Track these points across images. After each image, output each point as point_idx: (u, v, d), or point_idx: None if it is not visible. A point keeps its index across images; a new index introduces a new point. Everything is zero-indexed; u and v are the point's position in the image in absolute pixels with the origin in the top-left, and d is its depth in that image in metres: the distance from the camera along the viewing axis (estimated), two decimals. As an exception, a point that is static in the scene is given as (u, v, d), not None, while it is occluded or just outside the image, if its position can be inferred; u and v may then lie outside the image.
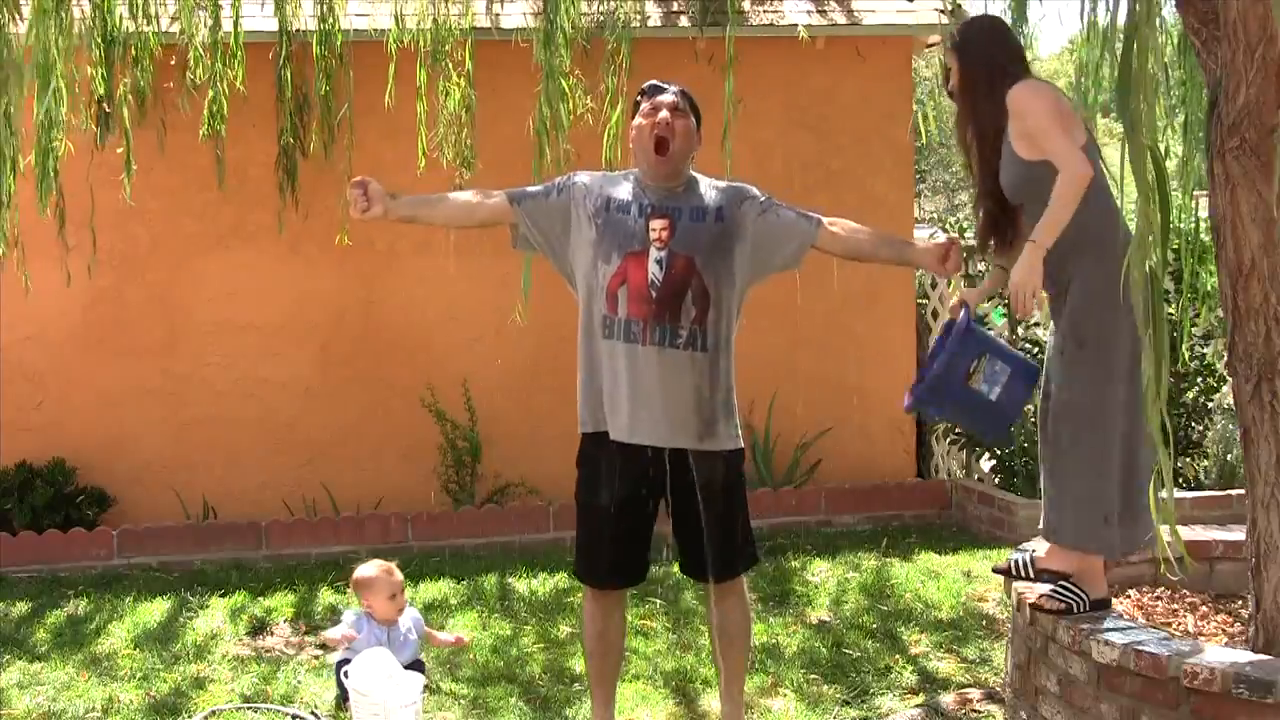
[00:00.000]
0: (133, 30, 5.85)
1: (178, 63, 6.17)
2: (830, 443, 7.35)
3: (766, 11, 7.14)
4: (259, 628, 5.33)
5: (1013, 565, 3.86)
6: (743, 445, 3.86)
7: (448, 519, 6.65)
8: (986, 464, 7.40)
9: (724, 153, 5.08)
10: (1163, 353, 3.11)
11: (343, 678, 4.26)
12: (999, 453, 7.08)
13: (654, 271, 3.67)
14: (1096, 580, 3.67)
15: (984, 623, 5.24)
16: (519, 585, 5.84)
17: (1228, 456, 6.93)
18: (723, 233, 3.74)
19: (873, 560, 6.20)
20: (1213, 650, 3.31)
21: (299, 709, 4.42)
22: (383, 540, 6.37)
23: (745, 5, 7.16)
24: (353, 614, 4.62)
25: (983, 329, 3.73)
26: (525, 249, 3.93)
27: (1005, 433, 3.73)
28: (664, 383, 3.66)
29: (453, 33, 5.82)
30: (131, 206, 6.35)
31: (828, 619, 5.33)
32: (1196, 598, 4.17)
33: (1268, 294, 3.42)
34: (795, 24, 6.69)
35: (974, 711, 4.27)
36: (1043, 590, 3.73)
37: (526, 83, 5.48)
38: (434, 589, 5.80)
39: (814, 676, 4.66)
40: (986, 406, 3.61)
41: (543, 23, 5.25)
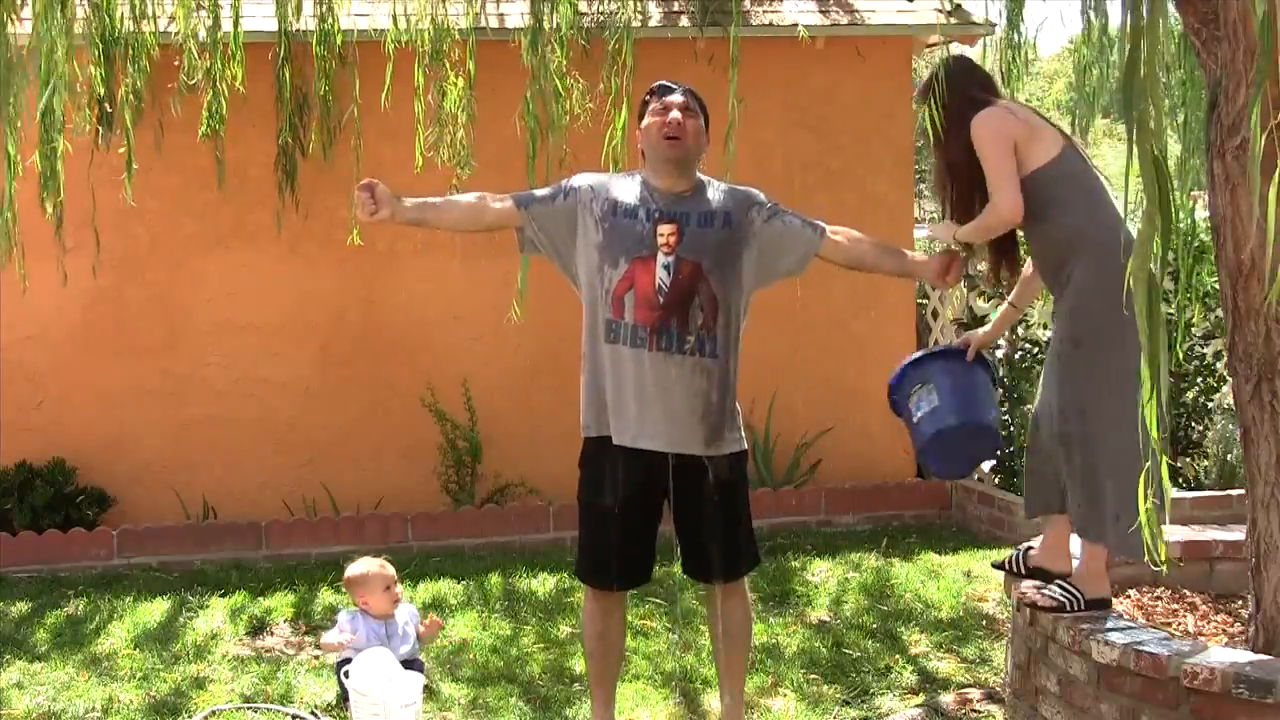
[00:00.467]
0: (133, 30, 5.84)
1: (178, 63, 6.17)
2: (830, 443, 7.35)
3: (767, 11, 7.14)
4: (259, 628, 5.33)
5: (1009, 561, 3.93)
6: (746, 447, 3.86)
7: (448, 519, 6.65)
8: (987, 464, 7.39)
9: (728, 154, 5.07)
10: (1160, 354, 3.11)
11: (343, 678, 4.26)
12: (999, 453, 7.08)
13: (661, 277, 3.65)
14: (1099, 580, 3.66)
15: (984, 623, 5.24)
16: (519, 585, 5.84)
17: (1228, 456, 6.92)
18: (731, 238, 3.73)
19: (873, 560, 6.21)
20: (1213, 650, 3.31)
21: (299, 709, 4.42)
22: (383, 540, 6.37)
23: (746, 5, 7.15)
24: (347, 615, 4.62)
25: (951, 363, 3.97)
26: (531, 252, 3.92)
27: (920, 455, 4.04)
28: (671, 388, 3.65)
29: (451, 33, 5.81)
30: (132, 206, 6.34)
31: (828, 619, 5.33)
32: (1196, 598, 4.17)
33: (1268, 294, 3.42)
34: (801, 24, 6.68)
35: (974, 711, 4.27)
36: (1030, 585, 3.75)
37: (526, 83, 5.48)
38: (434, 589, 5.80)
39: (814, 676, 4.67)
40: (911, 425, 3.95)
41: (530, 22, 5.25)
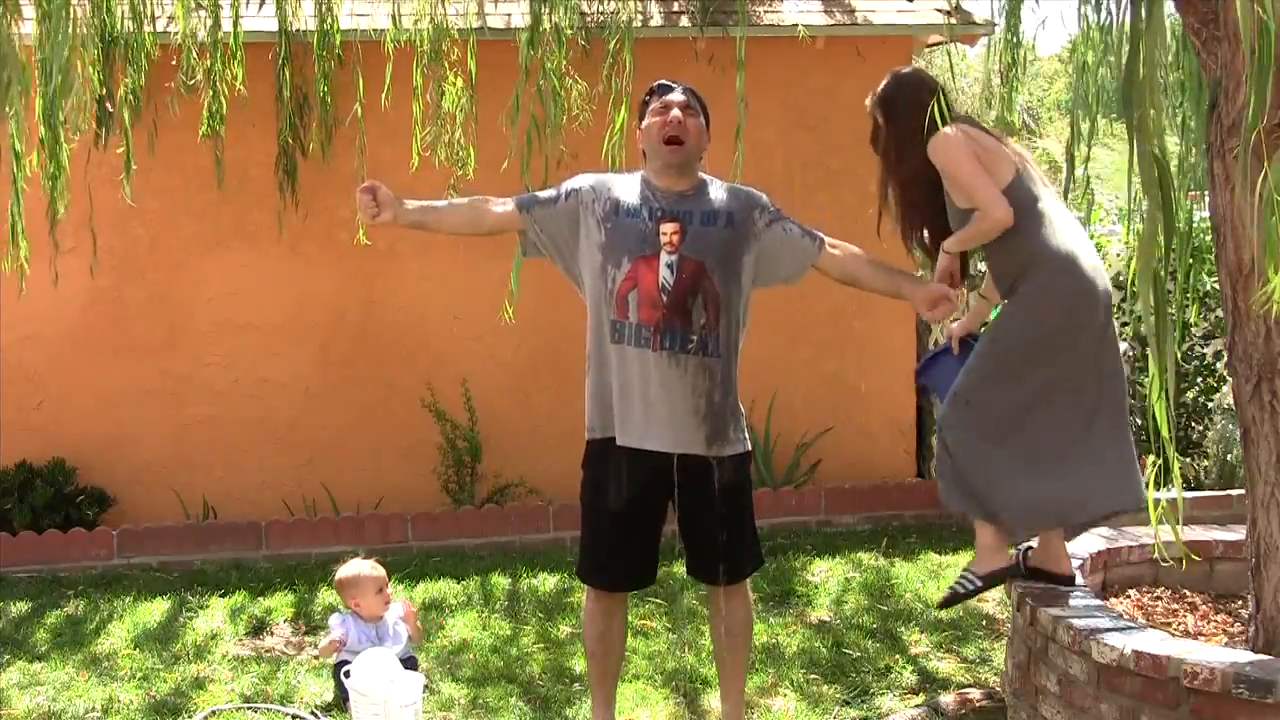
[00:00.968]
0: (133, 30, 5.84)
1: (177, 63, 6.17)
2: (830, 443, 7.34)
3: (769, 12, 7.14)
4: (259, 628, 5.33)
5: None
6: (749, 448, 3.85)
7: (448, 519, 6.64)
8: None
9: (736, 155, 5.07)
10: (1168, 352, 3.12)
11: (343, 678, 4.26)
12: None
13: (665, 276, 3.65)
14: (990, 555, 3.88)
15: (984, 623, 5.24)
16: (519, 585, 5.84)
17: (1228, 456, 6.92)
18: (734, 238, 3.74)
19: (873, 560, 6.21)
20: (1213, 650, 3.32)
21: (299, 709, 4.43)
22: (383, 540, 6.37)
23: (747, 5, 7.14)
24: (339, 618, 4.62)
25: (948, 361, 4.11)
26: (534, 255, 3.92)
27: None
28: (675, 388, 3.65)
29: (451, 32, 5.81)
30: (131, 206, 6.35)
31: (828, 619, 5.33)
32: (1196, 598, 4.17)
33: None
34: (801, 24, 6.67)
35: (974, 711, 4.27)
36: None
37: (526, 83, 5.48)
38: (434, 589, 5.80)
39: (814, 676, 4.67)
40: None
41: (529, 21, 5.25)
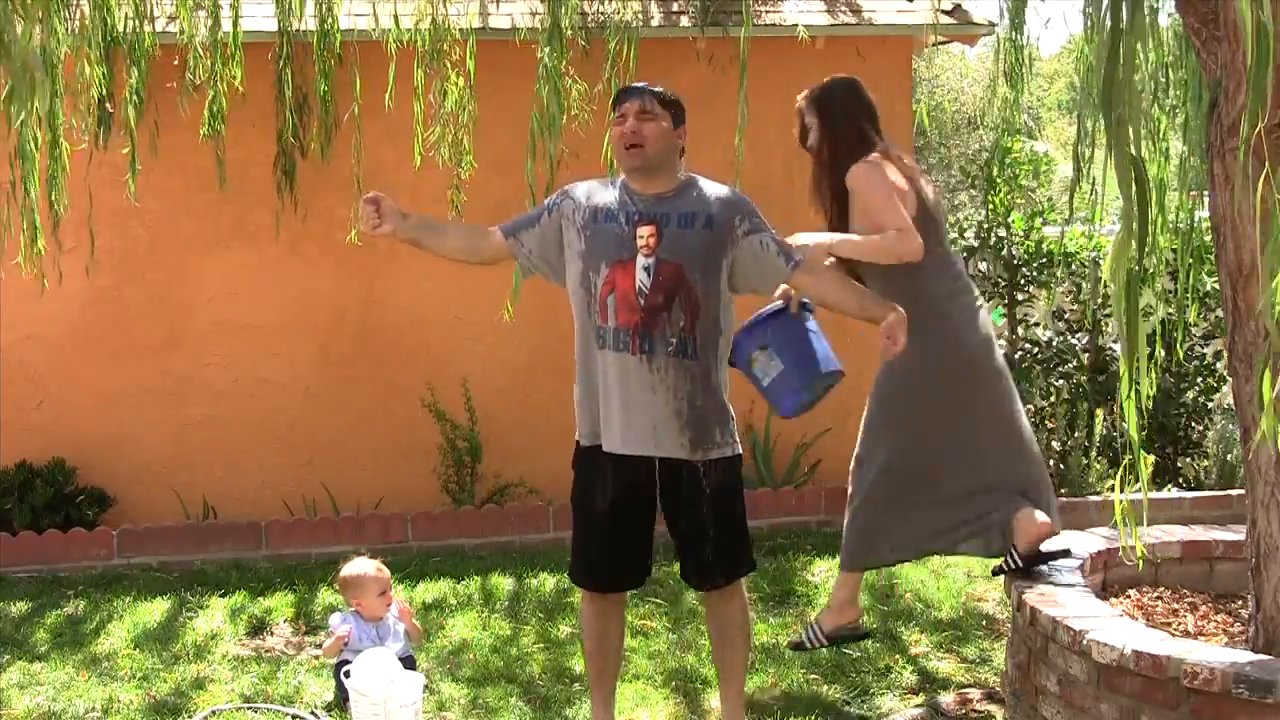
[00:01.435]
0: (134, 30, 5.84)
1: (177, 63, 6.17)
2: (830, 443, 7.33)
3: (769, 12, 7.13)
4: (259, 628, 5.33)
5: (1005, 561, 4.06)
6: (740, 451, 3.81)
7: (448, 519, 6.64)
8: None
9: (737, 155, 5.09)
10: (1140, 351, 3.14)
11: (343, 678, 4.26)
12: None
13: (641, 279, 3.62)
14: (842, 611, 4.34)
15: (984, 623, 5.24)
16: (519, 585, 5.84)
17: (1228, 456, 6.92)
18: (712, 240, 3.68)
19: (873, 560, 6.20)
20: (1213, 650, 3.31)
21: (299, 709, 4.43)
22: (383, 540, 6.37)
23: (744, 4, 7.13)
24: (340, 616, 4.62)
25: (790, 323, 3.98)
26: (533, 275, 3.92)
27: (787, 412, 3.99)
28: (656, 391, 3.63)
29: (451, 32, 5.81)
30: (132, 206, 6.35)
31: (828, 619, 5.32)
32: (1196, 598, 4.17)
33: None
34: (803, 24, 6.66)
35: (974, 711, 4.27)
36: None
37: (526, 83, 5.47)
38: (434, 589, 5.80)
39: (814, 676, 4.67)
40: (761, 389, 3.97)
41: (547, 20, 5.23)
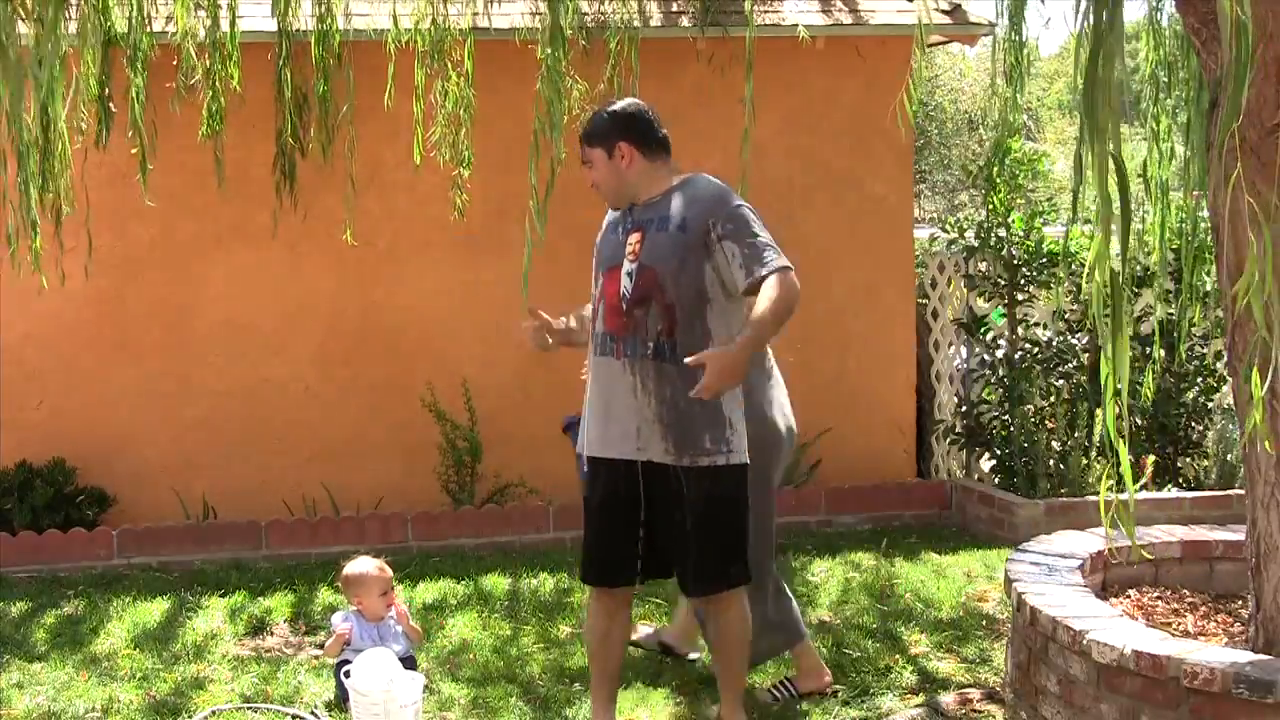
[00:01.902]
0: (135, 29, 5.83)
1: (176, 63, 6.16)
2: (830, 443, 7.33)
3: (769, 12, 7.13)
4: (258, 628, 5.33)
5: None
6: (742, 461, 3.75)
7: (448, 519, 6.64)
8: (986, 464, 7.40)
9: (742, 156, 5.08)
10: (1122, 357, 3.14)
11: (343, 678, 4.26)
12: (999, 453, 7.08)
13: (625, 284, 3.71)
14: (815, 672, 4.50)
15: (984, 623, 5.24)
16: (519, 585, 5.84)
17: (1228, 456, 6.93)
18: (684, 243, 3.67)
19: (873, 560, 6.20)
20: (1213, 650, 3.31)
21: (299, 709, 4.42)
22: (383, 540, 6.37)
23: (746, 5, 7.13)
24: (341, 615, 4.63)
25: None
26: None
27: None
28: (636, 395, 3.67)
29: (450, 32, 5.81)
30: (133, 207, 6.35)
31: (828, 619, 5.32)
32: (1196, 598, 4.17)
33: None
34: (801, 24, 6.66)
35: (974, 711, 4.27)
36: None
37: (525, 82, 5.47)
38: (434, 589, 5.80)
39: (814, 676, 4.66)
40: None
41: (547, 20, 5.21)
